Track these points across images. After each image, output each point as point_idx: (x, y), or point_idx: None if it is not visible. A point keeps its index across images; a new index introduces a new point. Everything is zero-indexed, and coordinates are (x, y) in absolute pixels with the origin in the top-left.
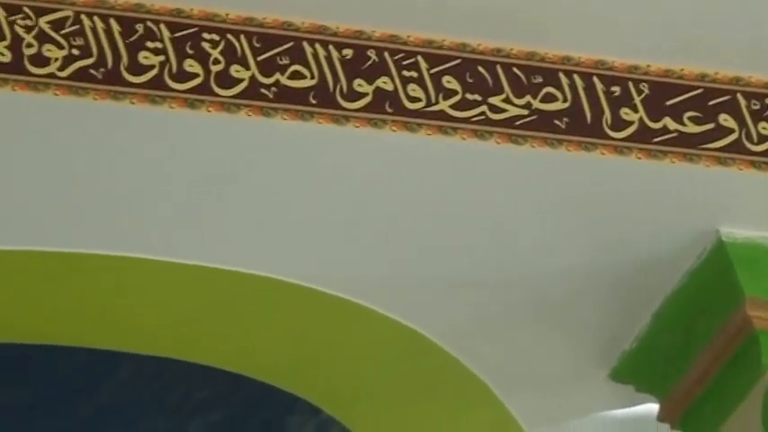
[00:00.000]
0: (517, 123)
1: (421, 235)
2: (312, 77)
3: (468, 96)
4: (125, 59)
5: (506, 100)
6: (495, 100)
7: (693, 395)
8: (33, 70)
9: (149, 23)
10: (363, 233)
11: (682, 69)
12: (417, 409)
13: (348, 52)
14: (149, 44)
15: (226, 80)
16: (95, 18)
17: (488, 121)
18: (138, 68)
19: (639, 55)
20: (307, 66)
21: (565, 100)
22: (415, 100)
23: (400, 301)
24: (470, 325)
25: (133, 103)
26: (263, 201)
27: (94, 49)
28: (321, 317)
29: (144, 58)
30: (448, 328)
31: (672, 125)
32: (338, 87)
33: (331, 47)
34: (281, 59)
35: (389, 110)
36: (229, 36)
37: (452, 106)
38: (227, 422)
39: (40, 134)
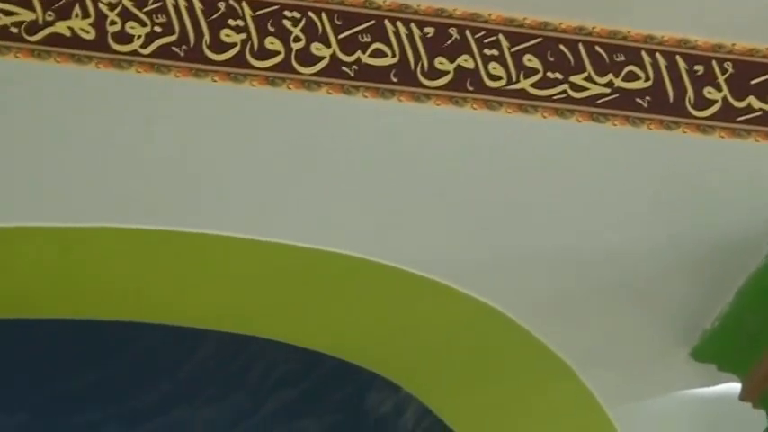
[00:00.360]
0: (599, 102)
1: (502, 215)
2: (393, 55)
3: (550, 75)
4: (207, 37)
5: (588, 78)
6: (576, 78)
7: None
8: (117, 48)
9: (231, 1)
10: (443, 212)
11: (767, 48)
12: (496, 386)
13: (429, 30)
14: (231, 22)
15: (307, 58)
16: None
17: (569, 100)
18: (219, 46)
19: (724, 34)
20: (388, 44)
21: (647, 79)
22: (495, 78)
23: (482, 281)
24: (551, 304)
25: (215, 81)
26: (342, 179)
27: (177, 27)
28: (402, 295)
29: (226, 35)
30: (529, 307)
31: (756, 104)
32: (419, 65)
33: (412, 25)
34: (362, 37)
35: (470, 88)
36: (311, 14)
37: (533, 85)
38: (305, 398)
39: (123, 111)
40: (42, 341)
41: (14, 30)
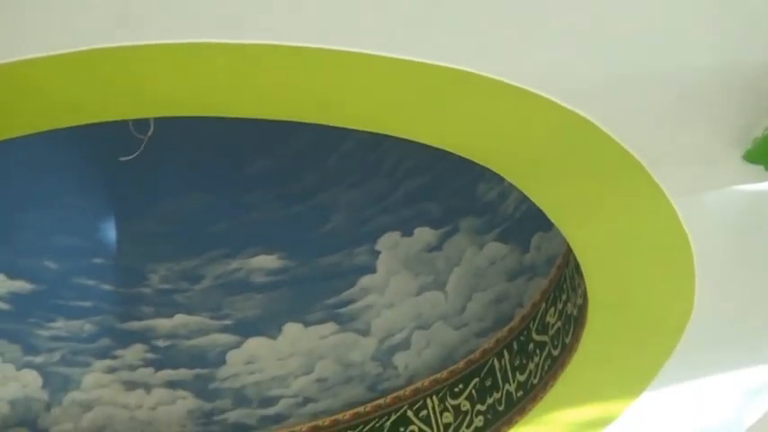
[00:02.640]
0: None
1: (599, 40)
2: None
3: None
4: None
5: None
6: None
7: None
8: None
9: None
10: (541, 26)
11: None
12: (580, 180)
13: None
14: None
15: None
16: None
17: None
18: None
19: None
20: None
21: None
22: None
23: (576, 96)
24: (630, 114)
25: None
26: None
27: None
28: (508, 106)
29: None
30: (613, 116)
31: None
32: None
33: None
34: None
35: None
36: None
37: None
38: (429, 185)
39: None
40: (224, 136)
41: None
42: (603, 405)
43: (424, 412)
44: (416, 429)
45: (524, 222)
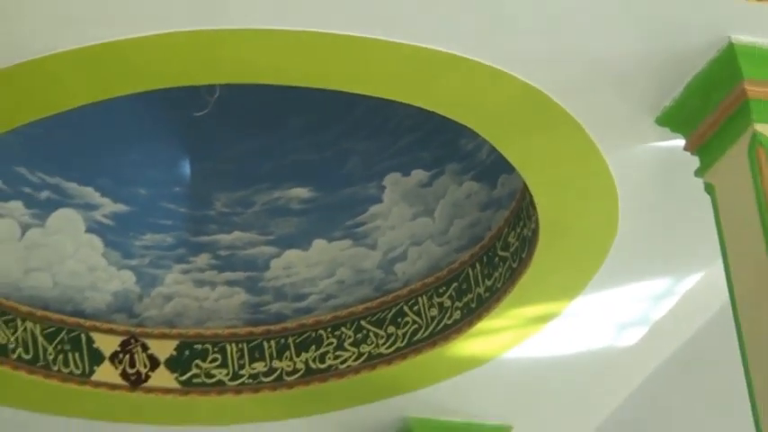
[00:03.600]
0: None
1: (540, 21)
2: None
3: None
4: None
5: None
6: None
7: (706, 137)
8: None
9: None
10: (511, 18)
11: None
12: (535, 136)
13: None
14: None
15: None
16: None
17: None
18: None
19: None
20: None
21: None
22: None
23: (530, 68)
24: (572, 84)
25: None
26: None
27: None
28: (482, 79)
29: None
30: (558, 86)
31: None
32: None
33: None
34: None
35: None
36: None
37: None
38: (422, 140)
39: None
40: (272, 97)
41: None
42: (549, 305)
43: (416, 307)
44: (410, 320)
45: (493, 167)
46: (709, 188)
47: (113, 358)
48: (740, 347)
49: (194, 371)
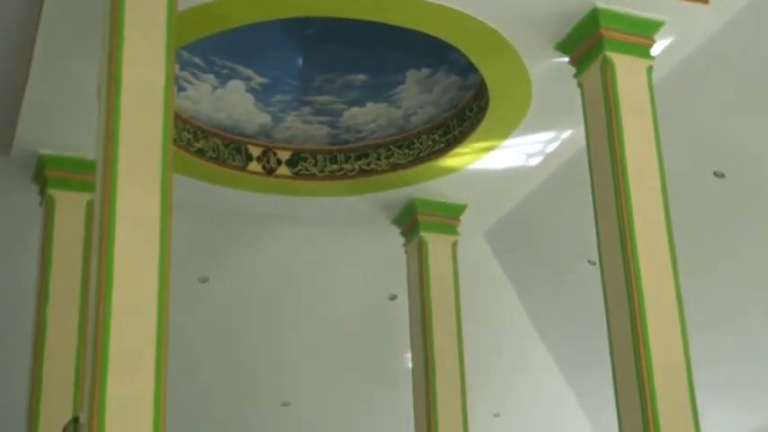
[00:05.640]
0: None
1: None
2: None
3: None
4: None
5: None
6: None
7: (580, 57)
8: None
9: None
10: None
11: None
12: (488, 52)
13: None
14: None
15: None
16: None
17: None
18: None
19: None
20: None
21: None
22: None
23: (484, 11)
24: (508, 21)
25: None
26: None
27: None
28: (456, 20)
29: None
30: (500, 22)
31: None
32: None
33: None
34: None
35: None
36: None
37: None
38: (427, 53)
39: None
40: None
41: None
42: (493, 141)
43: (420, 139)
44: (417, 146)
45: (468, 67)
46: (580, 85)
47: (258, 159)
48: (589, 166)
49: (299, 167)
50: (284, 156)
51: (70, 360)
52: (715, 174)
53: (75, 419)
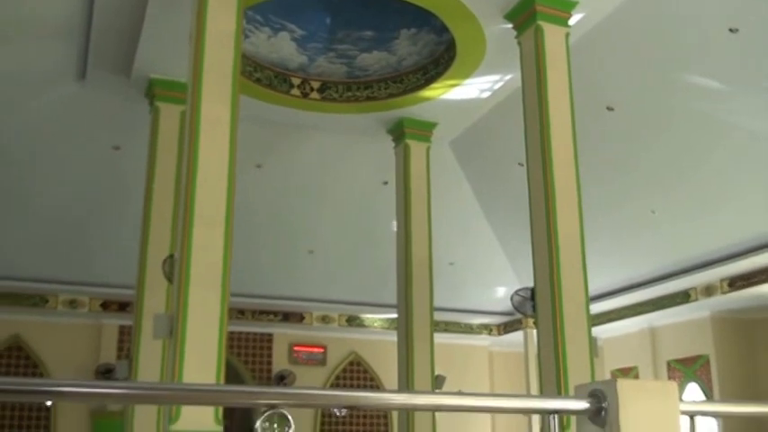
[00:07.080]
0: None
1: None
2: None
3: None
4: None
5: None
6: None
7: (520, 23)
8: None
9: None
10: None
11: None
12: (456, 18)
13: None
14: None
15: None
16: None
17: None
18: None
19: None
20: None
21: None
22: None
23: None
24: None
25: None
26: None
27: None
28: None
29: None
30: None
31: None
32: None
33: None
34: None
35: None
36: None
37: None
38: (415, 20)
39: None
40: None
41: None
42: (458, 80)
43: (410, 76)
44: (407, 80)
45: (443, 29)
46: (519, 44)
47: (298, 86)
48: (522, 99)
49: (326, 93)
50: (316, 85)
51: (168, 217)
52: (607, 108)
53: (171, 256)
